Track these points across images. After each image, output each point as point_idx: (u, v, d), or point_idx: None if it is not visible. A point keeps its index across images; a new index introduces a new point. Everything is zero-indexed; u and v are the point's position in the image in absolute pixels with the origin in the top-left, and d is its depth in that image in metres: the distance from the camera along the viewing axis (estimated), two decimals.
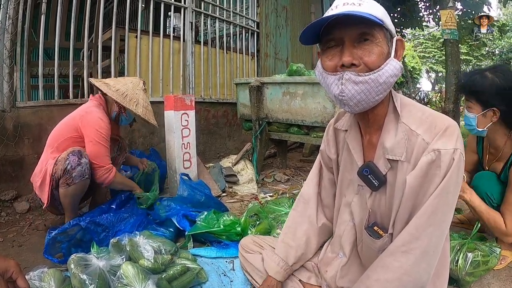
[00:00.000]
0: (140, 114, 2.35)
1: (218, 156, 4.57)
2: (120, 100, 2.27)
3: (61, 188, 2.01)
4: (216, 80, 4.87)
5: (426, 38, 27.51)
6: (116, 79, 2.46)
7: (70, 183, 2.00)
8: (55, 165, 2.01)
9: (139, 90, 2.41)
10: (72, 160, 1.99)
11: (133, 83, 2.41)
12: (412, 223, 0.95)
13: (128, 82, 2.41)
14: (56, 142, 2.14)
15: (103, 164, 2.14)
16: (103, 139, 2.15)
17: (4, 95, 2.68)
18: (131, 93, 2.35)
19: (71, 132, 2.14)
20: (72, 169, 1.99)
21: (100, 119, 2.18)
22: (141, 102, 2.39)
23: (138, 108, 2.35)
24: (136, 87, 2.41)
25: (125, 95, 2.31)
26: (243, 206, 2.81)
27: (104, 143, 2.15)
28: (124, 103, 2.28)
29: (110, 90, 2.28)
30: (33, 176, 2.17)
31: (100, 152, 2.13)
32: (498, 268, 1.79)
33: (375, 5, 0.93)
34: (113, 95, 2.27)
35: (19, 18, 2.76)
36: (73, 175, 1.99)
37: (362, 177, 1.07)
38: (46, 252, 1.78)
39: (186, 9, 4.32)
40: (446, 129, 0.93)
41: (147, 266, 1.46)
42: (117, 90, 2.30)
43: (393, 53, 0.95)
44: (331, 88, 0.97)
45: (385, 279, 0.96)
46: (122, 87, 2.34)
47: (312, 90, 3.02)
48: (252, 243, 1.53)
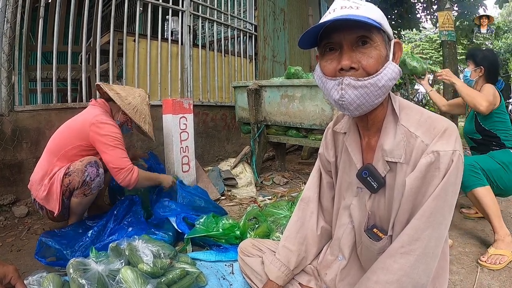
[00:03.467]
0: (147, 131, 2.38)
1: (217, 160, 4.57)
2: (132, 116, 2.28)
3: (77, 198, 2.02)
4: (214, 83, 4.87)
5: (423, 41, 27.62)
6: (125, 89, 2.41)
7: (88, 193, 2.02)
8: (67, 175, 1.98)
9: (145, 105, 2.42)
10: (91, 172, 2.01)
11: (141, 97, 2.41)
12: (411, 224, 0.95)
13: (136, 95, 2.39)
14: (61, 150, 2.07)
15: (123, 166, 2.09)
16: (119, 143, 2.12)
17: (2, 99, 2.68)
18: (140, 108, 2.36)
19: (80, 141, 2.09)
20: (91, 181, 2.01)
21: (113, 126, 2.15)
22: (147, 118, 2.42)
23: (145, 125, 2.38)
24: (143, 101, 2.41)
25: (136, 110, 2.32)
26: (242, 209, 2.80)
27: (120, 146, 2.12)
28: (135, 118, 2.30)
29: (122, 102, 2.26)
30: (33, 183, 2.11)
31: (117, 155, 2.09)
32: (498, 268, 1.83)
33: (373, 8, 0.94)
34: (126, 108, 2.26)
35: (17, 22, 2.76)
36: (91, 186, 2.02)
37: (361, 179, 1.07)
38: (37, 254, 1.78)
39: (184, 12, 4.33)
40: (444, 131, 0.94)
41: (146, 270, 1.45)
42: (129, 104, 2.29)
43: (391, 56, 0.96)
44: (331, 93, 0.97)
45: (385, 281, 0.96)
46: (133, 100, 2.33)
47: (310, 92, 3.03)
48: (251, 246, 1.53)
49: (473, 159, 2.13)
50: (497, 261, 1.87)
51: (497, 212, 1.99)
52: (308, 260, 1.35)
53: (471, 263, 1.90)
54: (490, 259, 1.88)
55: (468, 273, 1.79)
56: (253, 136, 3.61)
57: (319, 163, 1.36)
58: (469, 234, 2.26)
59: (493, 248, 1.94)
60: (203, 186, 3.09)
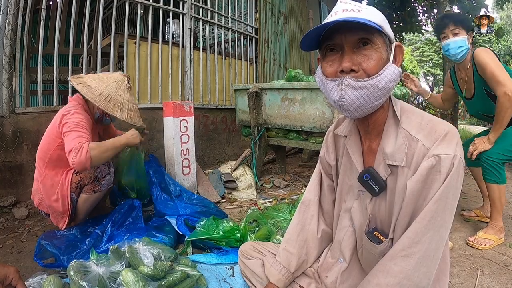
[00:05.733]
0: (126, 119, 2.13)
1: (217, 162, 4.57)
2: (104, 107, 2.05)
3: (86, 194, 2.04)
4: (215, 86, 4.88)
5: (423, 43, 27.70)
6: (98, 77, 2.19)
7: (97, 190, 2.04)
8: (76, 174, 2.00)
9: (123, 90, 2.17)
10: (102, 169, 2.05)
11: (116, 82, 2.17)
12: (411, 227, 0.95)
13: (111, 81, 2.16)
14: (46, 155, 2.03)
15: (70, 148, 1.82)
16: (75, 126, 1.90)
17: (3, 101, 2.68)
18: (114, 95, 2.11)
19: (56, 140, 1.99)
20: (102, 178, 2.05)
21: (75, 112, 1.97)
22: (126, 104, 2.16)
23: (123, 113, 2.12)
24: (120, 86, 2.17)
25: (109, 99, 2.08)
26: (243, 212, 2.80)
27: (75, 129, 1.89)
28: (107, 109, 2.06)
29: (92, 95, 2.04)
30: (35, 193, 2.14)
31: (69, 139, 1.86)
32: (483, 249, 2.09)
33: (374, 11, 0.95)
34: (96, 100, 2.03)
35: (18, 24, 2.77)
36: (102, 183, 2.05)
37: (363, 182, 1.08)
38: (36, 256, 1.79)
39: (185, 15, 4.34)
40: (446, 134, 0.94)
41: (147, 273, 1.45)
42: (100, 94, 2.06)
43: (392, 59, 0.96)
44: (331, 93, 0.97)
45: (385, 284, 0.96)
46: (105, 89, 2.10)
47: (310, 95, 3.04)
48: (252, 249, 1.53)
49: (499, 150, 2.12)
50: (483, 243, 2.11)
51: (501, 208, 2.18)
52: (309, 263, 1.35)
53: (471, 265, 1.89)
54: (477, 241, 2.13)
55: (468, 275, 1.79)
56: (253, 139, 3.62)
57: (319, 166, 1.36)
58: (469, 237, 2.25)
59: (481, 232, 2.18)
60: (203, 188, 3.10)
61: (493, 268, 1.87)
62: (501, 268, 1.87)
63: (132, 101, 2.23)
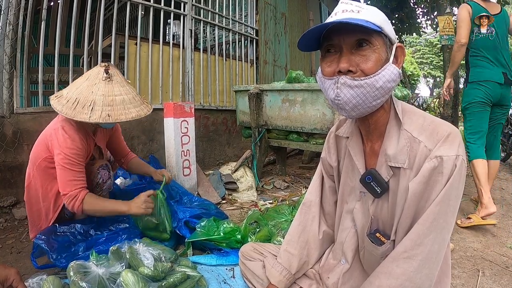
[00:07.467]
0: (98, 120, 1.76)
1: (218, 163, 4.57)
2: (70, 115, 1.74)
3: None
4: (216, 87, 4.89)
5: (423, 45, 27.73)
6: (75, 81, 1.91)
7: (99, 195, 2.02)
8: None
9: (97, 84, 1.83)
10: (103, 174, 2.04)
11: (88, 79, 1.85)
12: (414, 229, 0.95)
13: (82, 80, 1.87)
14: (37, 160, 1.88)
15: (66, 192, 1.75)
16: (69, 162, 1.76)
17: (4, 101, 2.69)
18: (84, 95, 1.80)
19: (45, 152, 1.84)
20: (103, 183, 2.04)
21: (68, 138, 1.78)
22: (99, 100, 1.80)
23: (94, 113, 1.77)
24: (93, 81, 1.84)
25: (76, 104, 1.78)
26: (243, 213, 2.80)
27: (69, 167, 1.76)
28: (74, 116, 1.74)
29: (59, 105, 1.79)
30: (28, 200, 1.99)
31: (64, 177, 1.76)
32: (462, 225, 2.41)
33: (375, 11, 0.94)
34: (63, 111, 1.76)
35: (19, 24, 2.78)
36: (103, 188, 2.06)
37: (365, 184, 1.07)
38: (33, 255, 1.77)
39: (185, 16, 4.34)
40: (448, 135, 0.94)
41: (147, 274, 1.45)
42: (67, 101, 1.79)
43: (392, 59, 0.96)
44: (328, 92, 0.98)
45: (387, 285, 0.96)
46: (75, 92, 1.82)
47: (311, 97, 3.04)
48: (252, 250, 1.52)
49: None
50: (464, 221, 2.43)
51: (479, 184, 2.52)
52: (310, 264, 1.34)
53: (473, 267, 1.89)
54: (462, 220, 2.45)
55: (469, 277, 1.78)
56: (254, 140, 3.62)
57: (321, 168, 1.36)
58: (470, 238, 2.25)
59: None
60: (204, 190, 3.10)
61: (494, 269, 1.87)
62: (502, 270, 1.86)
63: (111, 94, 1.85)
